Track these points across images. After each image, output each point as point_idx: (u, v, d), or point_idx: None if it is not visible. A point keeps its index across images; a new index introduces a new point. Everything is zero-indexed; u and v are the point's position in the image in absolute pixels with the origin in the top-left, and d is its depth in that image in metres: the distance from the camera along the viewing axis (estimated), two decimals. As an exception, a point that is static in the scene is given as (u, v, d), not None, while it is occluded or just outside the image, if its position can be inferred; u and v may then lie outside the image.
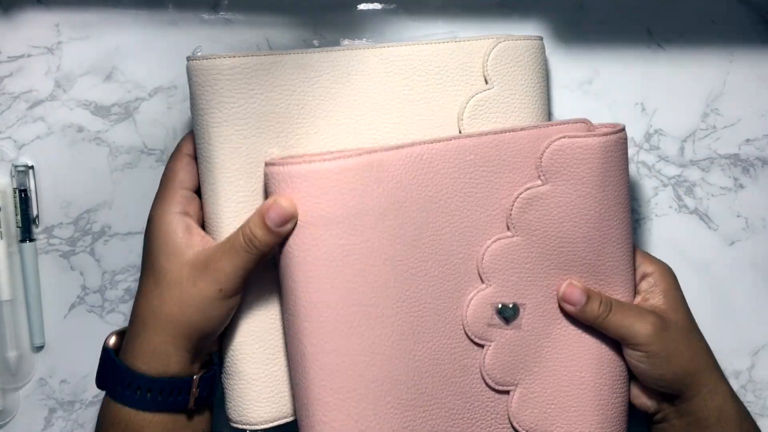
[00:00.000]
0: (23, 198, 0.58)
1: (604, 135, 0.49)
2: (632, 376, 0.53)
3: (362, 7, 0.60)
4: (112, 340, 0.52)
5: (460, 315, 0.50)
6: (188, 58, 0.50)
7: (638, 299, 0.53)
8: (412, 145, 0.48)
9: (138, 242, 0.60)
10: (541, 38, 0.55)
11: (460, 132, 0.53)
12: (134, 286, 0.60)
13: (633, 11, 0.60)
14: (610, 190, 0.50)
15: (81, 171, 0.60)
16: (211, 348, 0.53)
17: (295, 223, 0.47)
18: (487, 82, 0.53)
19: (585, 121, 0.51)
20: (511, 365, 0.51)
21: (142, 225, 0.60)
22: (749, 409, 0.54)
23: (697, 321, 0.54)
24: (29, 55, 0.59)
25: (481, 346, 0.51)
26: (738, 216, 0.62)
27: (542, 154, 0.49)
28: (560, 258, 0.51)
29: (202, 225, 0.52)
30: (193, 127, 0.51)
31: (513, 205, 0.50)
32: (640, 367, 0.51)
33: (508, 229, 0.50)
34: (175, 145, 0.52)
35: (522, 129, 0.50)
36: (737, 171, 0.62)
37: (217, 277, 0.48)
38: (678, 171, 0.62)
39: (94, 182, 0.60)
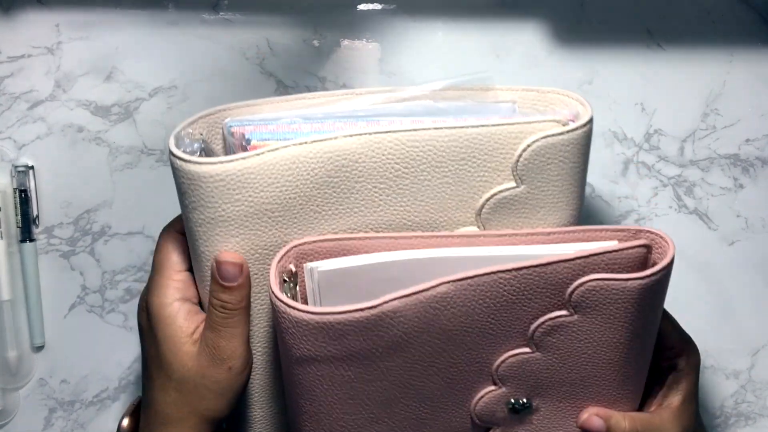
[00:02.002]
0: (23, 198, 0.58)
1: (644, 278, 0.44)
2: None
3: (362, 7, 0.60)
4: (126, 422, 0.52)
5: (468, 408, 0.48)
6: (171, 152, 0.45)
7: (659, 396, 0.51)
8: (429, 288, 0.43)
9: (138, 242, 0.60)
10: (591, 118, 0.47)
11: (479, 227, 0.48)
12: (134, 286, 0.60)
13: (633, 11, 0.60)
14: (644, 325, 0.46)
15: (81, 171, 0.60)
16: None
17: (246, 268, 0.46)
18: (515, 179, 0.47)
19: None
20: None
21: (142, 225, 0.60)
22: (749, 409, 0.54)
23: (697, 321, 0.54)
24: (29, 55, 0.59)
25: (488, 429, 0.49)
26: (738, 216, 0.62)
27: (572, 292, 0.44)
28: (579, 373, 0.48)
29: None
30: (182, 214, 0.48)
31: (536, 329, 0.46)
32: None
33: (528, 346, 0.46)
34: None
35: (549, 263, 0.44)
36: (737, 171, 0.62)
37: (220, 357, 0.47)
38: (678, 171, 0.62)
39: (94, 182, 0.60)
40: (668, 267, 0.45)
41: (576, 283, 0.44)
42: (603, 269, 0.44)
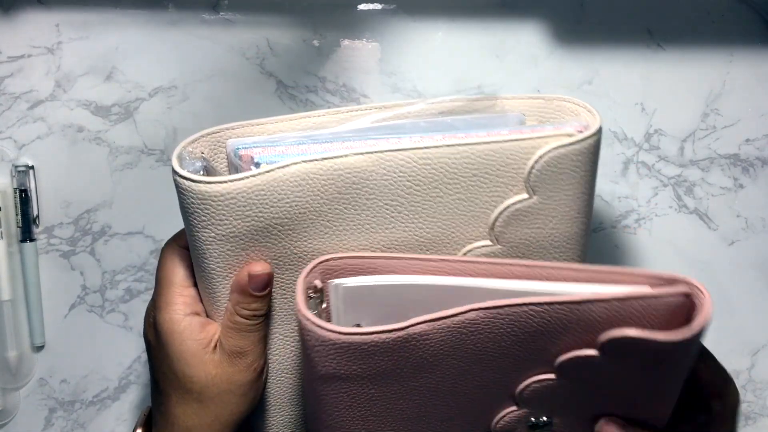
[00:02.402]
0: (23, 198, 0.59)
1: (681, 340, 0.43)
2: None
3: (362, 7, 0.60)
4: None
5: (488, 426, 0.48)
6: (175, 172, 0.45)
7: None
8: (458, 314, 0.43)
9: (138, 242, 0.60)
10: (599, 129, 0.48)
11: (489, 239, 0.48)
12: (134, 286, 0.60)
13: (633, 11, 0.60)
14: (674, 374, 0.45)
15: (81, 171, 0.60)
16: None
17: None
18: (527, 191, 0.48)
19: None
20: None
21: (142, 225, 0.60)
22: (749, 408, 0.54)
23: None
24: (29, 56, 0.59)
25: None
26: (738, 216, 0.62)
27: (605, 342, 0.43)
28: (603, 400, 0.47)
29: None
30: (186, 231, 0.48)
31: (563, 362, 0.45)
32: None
33: (553, 373, 0.46)
34: (176, 145, 0.52)
35: (583, 301, 0.43)
36: (737, 171, 0.62)
37: (245, 360, 0.48)
38: (678, 171, 0.62)
39: (94, 182, 0.60)
40: (706, 324, 0.43)
41: (610, 335, 0.42)
42: (639, 313, 0.43)
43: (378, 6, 0.60)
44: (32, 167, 0.59)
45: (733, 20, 0.60)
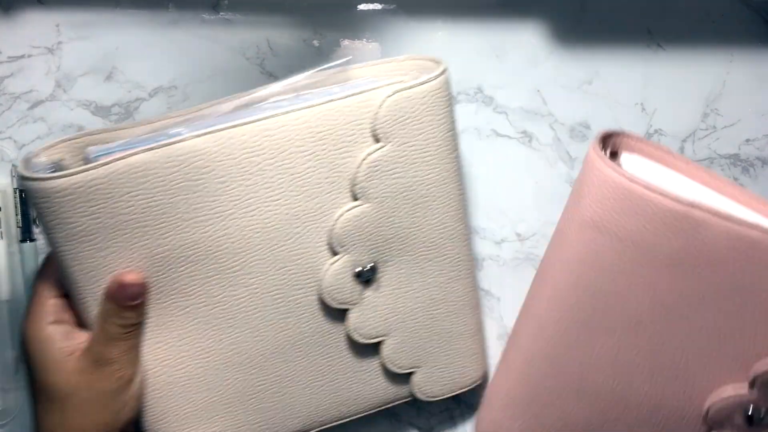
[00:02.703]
0: (23, 198, 0.59)
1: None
2: None
3: (362, 7, 0.60)
4: None
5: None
6: (20, 175, 0.45)
7: None
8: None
9: (138, 242, 0.60)
10: (441, 73, 0.49)
11: (355, 199, 0.49)
12: (134, 286, 0.60)
13: (633, 11, 0.60)
14: None
15: (81, 171, 0.60)
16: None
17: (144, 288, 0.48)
18: (378, 140, 0.48)
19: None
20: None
21: (142, 225, 0.60)
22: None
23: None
24: (29, 56, 0.59)
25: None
26: (738, 216, 0.62)
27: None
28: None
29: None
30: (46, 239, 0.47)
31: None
32: None
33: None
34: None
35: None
36: (737, 171, 0.62)
37: (110, 368, 0.47)
38: (678, 171, 0.62)
39: (94, 182, 0.60)
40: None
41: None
42: None
43: (378, 6, 0.60)
44: (32, 167, 0.59)
45: (733, 20, 0.60)
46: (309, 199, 0.49)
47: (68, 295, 0.49)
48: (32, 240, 0.59)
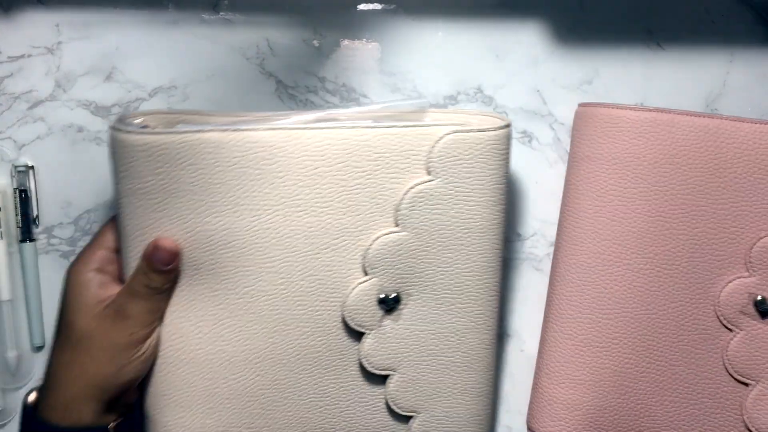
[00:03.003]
0: (23, 198, 0.59)
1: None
2: None
3: (362, 7, 0.60)
4: (32, 396, 0.52)
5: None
6: (111, 126, 0.48)
7: None
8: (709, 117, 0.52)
9: (138, 242, 0.60)
10: (505, 126, 0.51)
11: (396, 225, 0.50)
12: (134, 286, 0.60)
13: (633, 11, 0.60)
14: None
15: (81, 171, 0.60)
16: (129, 397, 0.53)
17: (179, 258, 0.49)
18: (429, 174, 0.50)
19: None
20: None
21: (142, 225, 0.60)
22: (749, 409, 0.54)
23: (697, 321, 0.54)
24: (29, 56, 0.59)
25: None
26: (738, 216, 0.62)
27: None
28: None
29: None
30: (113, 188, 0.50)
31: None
32: None
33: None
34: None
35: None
36: (737, 171, 0.62)
37: (126, 322, 0.49)
38: (678, 171, 0.62)
39: (94, 182, 0.60)
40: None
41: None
42: None
43: (378, 6, 0.60)
44: (32, 167, 0.59)
45: (733, 20, 0.60)
46: (353, 215, 0.50)
47: (119, 251, 0.51)
48: (32, 240, 0.59)
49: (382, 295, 0.51)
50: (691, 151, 0.51)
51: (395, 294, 0.52)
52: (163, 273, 0.49)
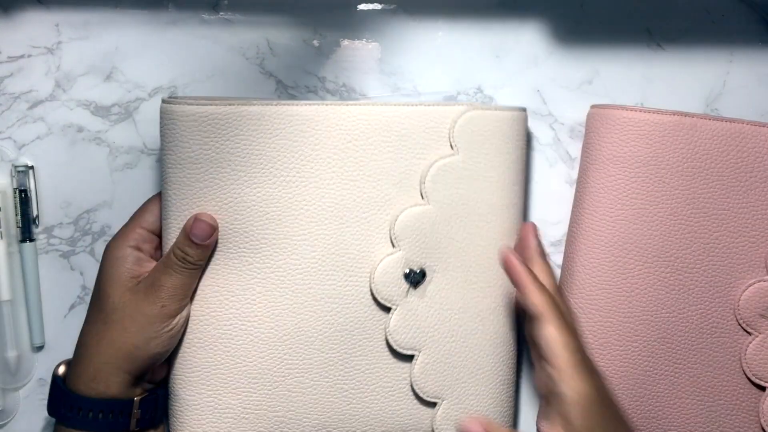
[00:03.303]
0: (23, 198, 0.58)
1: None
2: None
3: (362, 7, 0.60)
4: (61, 369, 0.53)
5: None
6: (162, 100, 0.52)
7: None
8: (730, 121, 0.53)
9: (138, 242, 0.60)
10: (521, 109, 0.55)
11: (422, 197, 0.53)
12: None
13: (633, 11, 0.60)
14: None
15: (81, 171, 0.60)
16: (156, 374, 0.54)
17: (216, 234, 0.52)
18: (452, 148, 0.53)
19: None
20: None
21: (142, 225, 0.60)
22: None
23: (697, 321, 0.54)
24: (29, 55, 0.59)
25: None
26: (738, 216, 0.62)
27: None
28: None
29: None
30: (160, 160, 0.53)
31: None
32: None
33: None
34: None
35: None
36: (737, 171, 0.62)
37: (158, 294, 0.50)
38: (678, 171, 0.62)
39: (94, 182, 0.60)
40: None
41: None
42: None
43: (378, 6, 0.60)
44: (32, 167, 0.59)
45: (733, 20, 0.60)
46: (382, 188, 0.53)
47: (160, 234, 0.54)
48: (32, 240, 0.59)
49: (407, 270, 0.53)
50: (712, 155, 0.52)
51: (420, 268, 0.53)
52: (200, 247, 0.51)
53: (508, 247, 0.53)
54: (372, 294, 0.53)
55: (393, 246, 0.53)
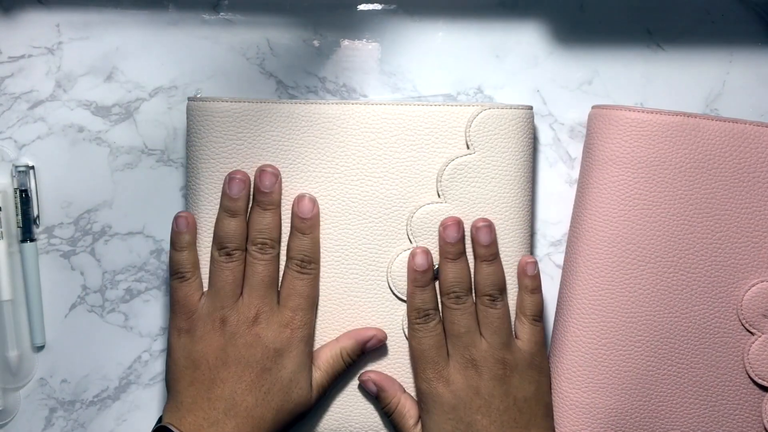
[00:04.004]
0: (24, 198, 0.59)
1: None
2: None
3: (362, 7, 0.60)
4: None
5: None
6: (189, 99, 0.55)
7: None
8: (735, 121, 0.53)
9: (138, 242, 0.60)
10: (530, 108, 0.56)
11: (438, 195, 0.55)
12: (134, 286, 0.60)
13: (633, 11, 0.60)
14: None
15: (81, 171, 0.60)
16: None
17: None
18: (468, 147, 0.55)
19: None
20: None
21: (143, 225, 0.60)
22: (749, 408, 0.54)
23: (696, 321, 0.54)
24: (30, 56, 0.59)
25: (752, 333, 0.53)
26: (738, 216, 0.62)
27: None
28: None
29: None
30: (186, 163, 0.56)
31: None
32: None
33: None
34: (175, 145, 0.52)
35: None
36: (737, 171, 0.62)
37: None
38: (678, 171, 0.62)
39: (94, 182, 0.60)
40: None
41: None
42: None
43: (378, 6, 0.60)
44: (32, 167, 0.59)
45: (733, 20, 0.60)
46: (403, 185, 0.55)
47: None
48: (33, 240, 0.59)
49: None
50: (714, 155, 0.52)
51: (436, 266, 0.55)
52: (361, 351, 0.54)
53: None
54: (390, 289, 0.55)
55: (410, 242, 0.55)
